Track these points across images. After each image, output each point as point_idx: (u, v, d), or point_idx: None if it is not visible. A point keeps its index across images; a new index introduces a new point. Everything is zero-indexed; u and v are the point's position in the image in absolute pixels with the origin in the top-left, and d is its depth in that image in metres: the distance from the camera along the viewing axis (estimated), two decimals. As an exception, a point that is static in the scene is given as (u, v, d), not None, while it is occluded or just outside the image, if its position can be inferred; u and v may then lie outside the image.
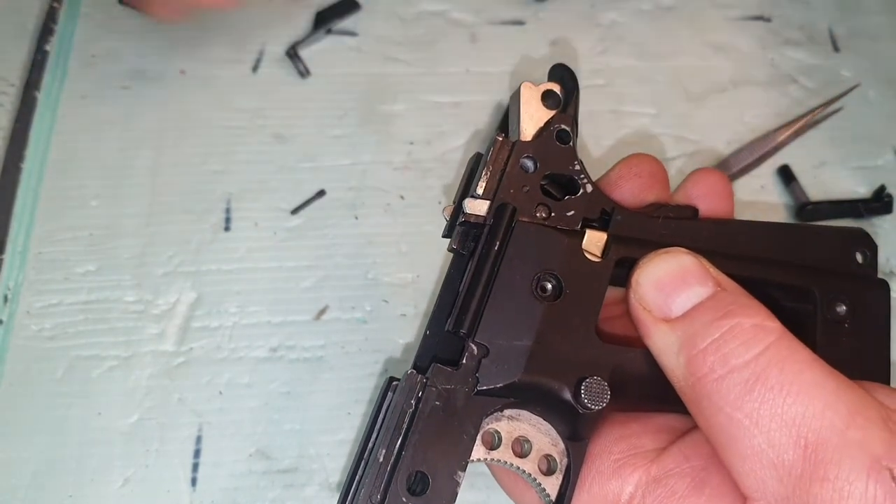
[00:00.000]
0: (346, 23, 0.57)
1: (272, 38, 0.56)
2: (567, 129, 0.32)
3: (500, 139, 0.32)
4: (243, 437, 0.43)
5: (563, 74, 0.34)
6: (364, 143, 0.53)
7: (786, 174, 0.54)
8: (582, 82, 0.34)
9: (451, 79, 0.56)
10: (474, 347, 0.29)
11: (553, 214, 0.31)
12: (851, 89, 0.56)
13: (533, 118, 0.32)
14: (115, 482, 0.42)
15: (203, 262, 0.48)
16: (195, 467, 0.43)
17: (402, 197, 0.51)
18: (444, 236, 0.32)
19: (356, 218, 0.50)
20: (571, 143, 0.32)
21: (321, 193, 0.51)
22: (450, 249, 0.32)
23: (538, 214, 0.31)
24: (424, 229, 0.50)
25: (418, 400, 0.28)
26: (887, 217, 0.53)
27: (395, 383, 0.29)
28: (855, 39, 0.60)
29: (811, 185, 0.54)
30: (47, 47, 0.55)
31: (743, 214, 0.35)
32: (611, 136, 0.55)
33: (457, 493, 0.27)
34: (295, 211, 0.50)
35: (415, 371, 0.28)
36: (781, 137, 0.54)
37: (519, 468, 0.29)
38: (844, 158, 0.55)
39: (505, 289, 0.29)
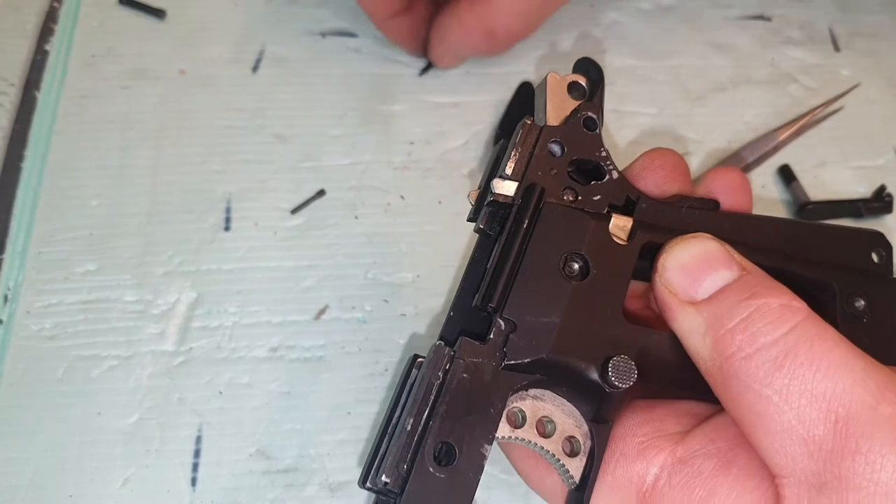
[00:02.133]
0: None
1: (272, 38, 0.56)
2: (594, 116, 0.33)
3: (529, 122, 0.32)
4: (243, 437, 0.43)
5: (588, 67, 0.34)
6: (364, 142, 0.53)
7: (786, 174, 0.54)
8: (582, 82, 0.34)
9: (451, 79, 0.56)
10: (502, 322, 0.29)
11: (580, 198, 0.32)
12: (851, 89, 0.56)
13: (558, 108, 0.33)
14: (115, 482, 0.42)
15: (203, 261, 0.48)
16: (195, 467, 0.43)
17: (402, 197, 0.51)
18: (469, 219, 0.33)
19: (356, 218, 0.50)
20: (598, 131, 0.33)
21: (321, 193, 0.51)
22: (476, 230, 0.32)
23: (565, 197, 0.31)
24: (424, 229, 0.50)
25: (445, 372, 0.28)
26: (887, 217, 0.53)
27: (419, 360, 0.29)
28: (855, 39, 0.60)
29: (811, 185, 0.53)
30: (47, 47, 0.55)
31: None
32: (611, 135, 0.55)
33: (483, 466, 0.27)
34: (295, 211, 0.50)
35: (442, 343, 0.28)
36: (782, 137, 0.54)
37: (543, 448, 0.29)
38: (844, 158, 0.55)
39: (533, 267, 0.29)
